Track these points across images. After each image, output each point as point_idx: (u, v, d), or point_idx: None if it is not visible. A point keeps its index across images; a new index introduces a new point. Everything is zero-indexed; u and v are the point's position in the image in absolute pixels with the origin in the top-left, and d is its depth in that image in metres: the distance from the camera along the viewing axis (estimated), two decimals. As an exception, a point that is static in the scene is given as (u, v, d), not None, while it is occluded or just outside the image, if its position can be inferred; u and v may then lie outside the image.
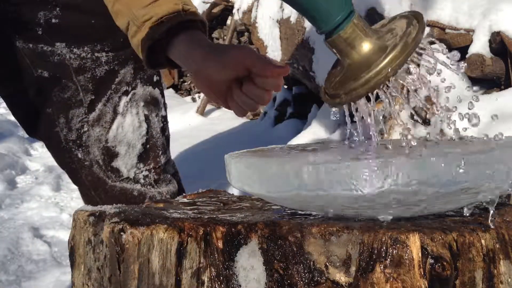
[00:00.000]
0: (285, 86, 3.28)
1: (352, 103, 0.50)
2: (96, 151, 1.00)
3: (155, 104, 1.05)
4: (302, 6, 0.47)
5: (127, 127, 1.01)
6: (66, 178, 2.83)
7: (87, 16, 0.96)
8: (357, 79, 0.47)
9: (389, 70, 0.45)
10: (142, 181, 1.03)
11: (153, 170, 1.04)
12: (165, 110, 1.09)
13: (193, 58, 0.76)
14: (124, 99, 1.01)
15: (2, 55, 0.97)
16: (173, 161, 1.13)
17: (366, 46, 0.47)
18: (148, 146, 1.04)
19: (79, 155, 1.01)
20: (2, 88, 1.04)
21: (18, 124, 1.10)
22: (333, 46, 0.48)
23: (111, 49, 0.99)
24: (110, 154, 1.01)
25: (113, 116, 1.00)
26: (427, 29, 2.22)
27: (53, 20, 0.95)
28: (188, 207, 0.61)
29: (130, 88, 1.01)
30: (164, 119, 1.08)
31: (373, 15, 2.38)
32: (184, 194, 1.11)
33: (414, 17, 0.49)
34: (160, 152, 1.05)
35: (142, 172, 1.03)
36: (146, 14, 0.78)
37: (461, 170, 0.43)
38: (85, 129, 0.99)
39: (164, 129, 1.07)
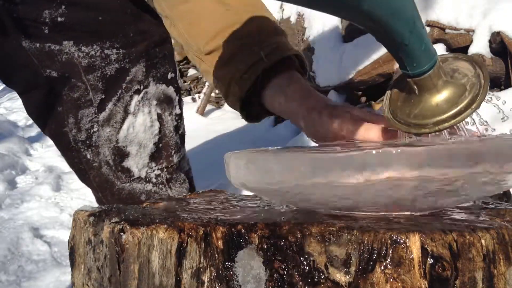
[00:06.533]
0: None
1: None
2: (106, 152, 0.99)
3: (168, 102, 1.02)
4: (402, 53, 0.51)
5: (138, 126, 0.99)
6: (66, 178, 2.84)
7: (94, 12, 0.94)
8: (445, 112, 0.53)
9: (477, 104, 0.52)
10: (154, 180, 1.01)
11: (165, 169, 1.02)
12: (180, 107, 1.06)
13: (288, 116, 0.72)
14: (136, 98, 0.99)
15: (9, 55, 0.95)
16: (188, 157, 1.10)
17: (445, 85, 0.53)
18: (160, 145, 1.02)
19: (88, 156, 0.99)
20: (15, 87, 1.03)
21: (18, 124, 1.09)
22: (416, 84, 0.54)
23: (121, 45, 0.96)
24: (120, 154, 0.99)
25: (124, 116, 0.98)
26: (427, 29, 2.22)
27: (59, 18, 0.93)
28: (188, 207, 0.61)
29: (142, 87, 0.99)
30: (179, 117, 1.05)
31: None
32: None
33: (472, 60, 0.56)
34: (173, 151, 1.03)
35: (154, 171, 1.01)
36: (228, 72, 0.75)
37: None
38: (95, 129, 0.98)
39: (178, 127, 1.05)
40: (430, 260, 0.41)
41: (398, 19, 0.46)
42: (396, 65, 0.54)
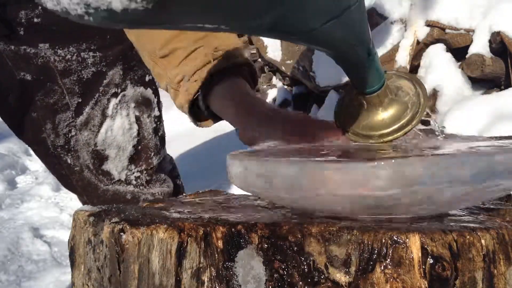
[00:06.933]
0: (285, 86, 3.28)
1: None
2: (85, 155, 0.97)
3: (147, 105, 1.01)
4: (357, 75, 0.56)
5: (116, 129, 0.98)
6: (66, 178, 2.82)
7: None
8: (389, 127, 0.59)
9: (416, 121, 0.58)
10: (134, 182, 1.01)
11: (145, 172, 1.01)
12: (159, 109, 1.05)
13: (230, 121, 0.71)
14: (113, 101, 0.97)
15: None
16: (170, 156, 1.10)
17: (391, 102, 0.59)
18: (139, 147, 1.01)
19: (68, 161, 0.98)
20: None
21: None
22: (366, 100, 0.59)
23: (98, 48, 0.95)
24: (100, 157, 0.98)
25: (102, 119, 0.97)
26: (427, 29, 2.22)
27: (35, 19, 0.91)
28: (188, 207, 0.61)
29: (119, 90, 0.98)
30: (158, 119, 1.04)
31: (373, 16, 2.38)
32: (183, 192, 1.10)
33: (413, 79, 0.62)
34: (153, 154, 1.02)
35: (133, 173, 1.01)
36: (178, 74, 0.74)
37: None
38: (73, 133, 0.96)
39: (157, 129, 1.04)
40: (430, 260, 0.41)
41: (360, 48, 0.51)
42: (396, 66, 0.56)
